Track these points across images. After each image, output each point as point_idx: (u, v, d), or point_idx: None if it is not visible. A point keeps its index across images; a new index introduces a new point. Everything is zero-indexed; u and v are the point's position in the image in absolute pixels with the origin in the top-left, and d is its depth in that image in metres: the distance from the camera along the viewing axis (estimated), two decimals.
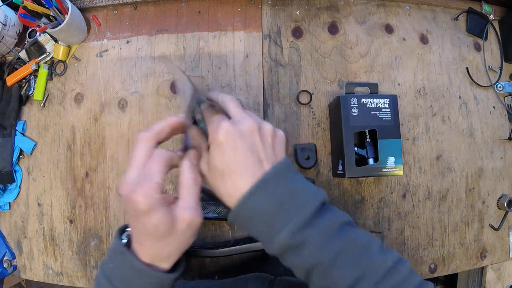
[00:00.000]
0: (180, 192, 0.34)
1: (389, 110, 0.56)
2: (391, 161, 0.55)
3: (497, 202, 0.67)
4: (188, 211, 0.32)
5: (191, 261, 0.61)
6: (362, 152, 0.57)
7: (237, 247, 0.57)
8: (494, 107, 0.69)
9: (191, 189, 0.34)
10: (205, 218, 0.45)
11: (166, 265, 0.35)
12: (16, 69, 0.66)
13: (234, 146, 0.32)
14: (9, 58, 0.68)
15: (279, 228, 0.32)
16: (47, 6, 0.57)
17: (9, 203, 0.66)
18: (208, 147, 0.34)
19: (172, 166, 0.34)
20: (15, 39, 0.66)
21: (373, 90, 0.62)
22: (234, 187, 0.32)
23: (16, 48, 0.67)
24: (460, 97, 0.68)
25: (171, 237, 0.33)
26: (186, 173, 0.34)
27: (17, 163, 0.66)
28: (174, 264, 0.37)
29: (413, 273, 0.33)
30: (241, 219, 0.33)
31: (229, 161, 0.32)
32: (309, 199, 0.33)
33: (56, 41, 0.65)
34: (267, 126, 0.35)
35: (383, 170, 0.55)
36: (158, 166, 0.32)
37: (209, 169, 0.34)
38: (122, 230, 0.37)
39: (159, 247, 0.33)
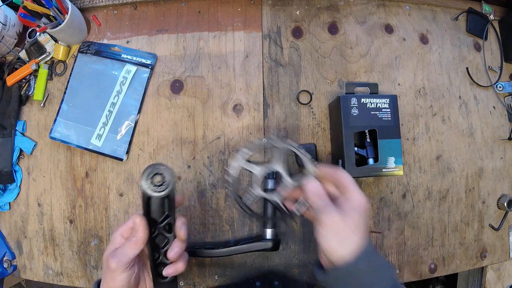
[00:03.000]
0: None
1: (389, 110, 0.56)
2: (391, 161, 0.55)
3: (497, 202, 0.67)
4: (111, 259, 0.41)
5: (191, 261, 0.61)
6: (362, 152, 0.57)
7: (237, 247, 0.57)
8: (494, 107, 0.69)
9: (127, 244, 0.42)
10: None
11: None
12: (16, 69, 0.66)
13: (362, 216, 0.41)
14: (9, 58, 0.68)
15: None
16: (47, 6, 0.57)
17: (9, 203, 0.66)
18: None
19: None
20: (15, 39, 0.66)
21: (373, 90, 0.62)
22: (345, 247, 0.39)
23: (16, 48, 0.67)
24: (460, 97, 0.68)
25: None
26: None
27: (17, 163, 0.66)
28: None
29: None
30: (342, 275, 0.40)
31: (363, 219, 0.41)
32: (392, 273, 0.41)
33: (56, 41, 0.65)
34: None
35: (383, 170, 0.55)
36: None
37: (342, 218, 0.40)
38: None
39: None
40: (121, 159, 0.63)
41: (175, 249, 0.43)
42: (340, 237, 0.40)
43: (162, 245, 0.44)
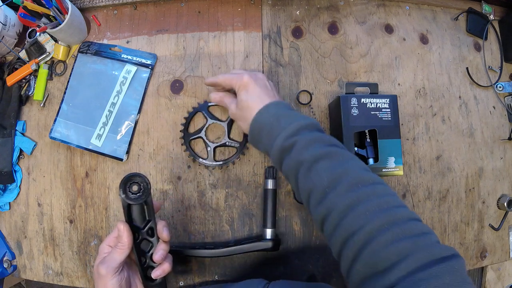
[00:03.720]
0: None
1: (389, 110, 0.56)
2: (391, 161, 0.55)
3: (497, 202, 0.67)
4: (100, 266, 0.43)
5: (191, 261, 0.62)
6: (362, 152, 0.57)
7: (237, 247, 0.57)
8: (494, 107, 0.69)
9: (114, 251, 0.44)
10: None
11: None
12: (16, 69, 0.66)
13: (254, 86, 0.49)
14: (9, 58, 0.68)
15: (277, 135, 0.44)
16: (47, 6, 0.57)
17: (9, 203, 0.66)
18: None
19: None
20: (15, 39, 0.66)
21: (373, 90, 0.62)
22: (251, 114, 0.47)
23: (16, 48, 0.67)
24: (460, 97, 0.68)
25: None
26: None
27: (17, 163, 0.66)
28: None
29: (394, 197, 0.36)
30: (253, 134, 0.48)
31: (250, 96, 0.48)
32: (301, 118, 0.44)
33: (56, 41, 0.65)
34: (265, 80, 0.52)
35: (383, 170, 0.55)
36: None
37: (236, 108, 0.51)
38: None
39: None
40: (121, 159, 0.63)
41: (160, 252, 0.45)
42: (241, 119, 0.50)
43: (147, 250, 0.46)
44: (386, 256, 0.31)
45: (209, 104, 0.62)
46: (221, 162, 0.61)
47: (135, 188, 0.43)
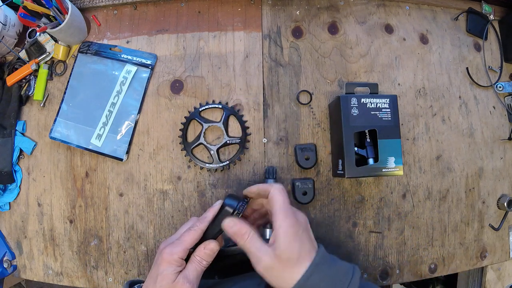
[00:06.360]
0: (188, 264, 0.44)
1: (389, 110, 0.56)
2: (391, 161, 0.55)
3: (497, 202, 0.67)
4: (186, 284, 0.41)
5: None
6: (362, 152, 0.57)
7: (238, 247, 0.57)
8: (494, 107, 0.69)
9: (197, 266, 0.44)
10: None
11: None
12: (16, 69, 0.66)
13: (299, 236, 0.41)
14: (9, 58, 0.68)
15: None
16: (47, 6, 0.57)
17: (9, 203, 0.66)
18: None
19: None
20: (15, 39, 0.66)
21: (373, 90, 0.62)
22: (292, 273, 0.39)
23: (16, 48, 0.67)
24: (460, 97, 0.68)
25: None
26: (198, 252, 0.44)
27: (17, 163, 0.66)
28: None
29: None
30: None
31: (292, 248, 0.40)
32: (354, 275, 0.40)
33: (56, 41, 0.65)
34: (307, 222, 0.43)
35: (383, 170, 0.55)
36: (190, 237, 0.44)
37: (275, 258, 0.40)
38: (131, 284, 0.47)
39: None
40: (121, 159, 0.63)
41: (201, 248, 0.46)
42: (277, 276, 0.40)
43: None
44: None
45: (200, 109, 0.62)
46: (227, 162, 0.61)
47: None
